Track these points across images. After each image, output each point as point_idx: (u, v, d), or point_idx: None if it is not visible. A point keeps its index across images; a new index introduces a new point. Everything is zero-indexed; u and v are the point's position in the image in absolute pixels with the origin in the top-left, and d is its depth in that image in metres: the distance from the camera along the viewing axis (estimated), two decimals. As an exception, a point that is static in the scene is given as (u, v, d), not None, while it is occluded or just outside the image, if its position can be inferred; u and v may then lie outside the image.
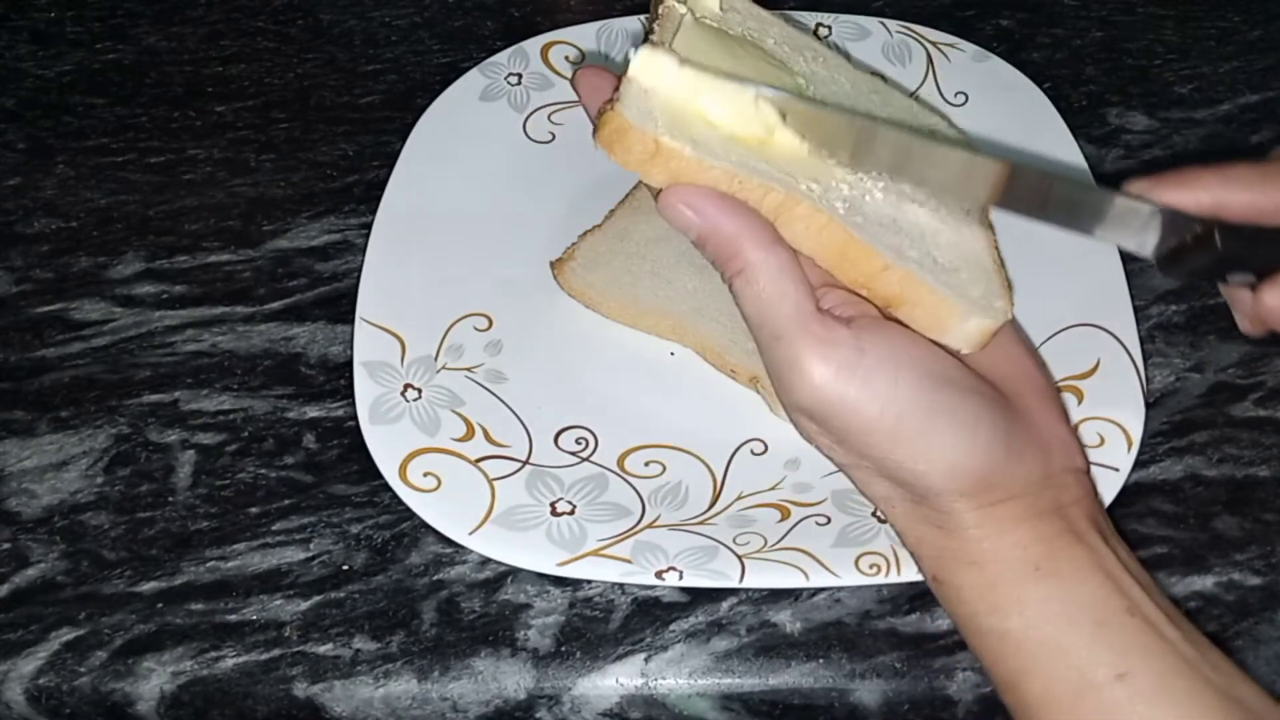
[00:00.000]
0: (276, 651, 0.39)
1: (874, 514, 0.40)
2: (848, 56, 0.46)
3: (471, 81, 0.52)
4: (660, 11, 0.36)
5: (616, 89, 0.33)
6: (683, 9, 0.36)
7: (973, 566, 0.33)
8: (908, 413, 0.32)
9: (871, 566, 0.39)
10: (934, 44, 0.53)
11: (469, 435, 0.42)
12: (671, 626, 0.40)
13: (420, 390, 0.43)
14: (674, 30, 0.35)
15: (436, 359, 0.45)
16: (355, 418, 0.42)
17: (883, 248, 0.33)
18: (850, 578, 0.39)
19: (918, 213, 0.35)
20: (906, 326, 0.34)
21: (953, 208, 0.36)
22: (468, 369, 0.45)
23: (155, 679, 0.39)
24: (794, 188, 0.33)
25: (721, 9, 0.38)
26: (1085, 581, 0.32)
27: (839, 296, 0.34)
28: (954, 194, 0.34)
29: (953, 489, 0.33)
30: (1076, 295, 0.45)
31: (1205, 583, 0.41)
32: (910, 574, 0.38)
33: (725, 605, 0.40)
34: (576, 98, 0.36)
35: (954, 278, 0.34)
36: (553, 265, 0.47)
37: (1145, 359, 0.44)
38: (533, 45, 0.54)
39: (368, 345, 0.44)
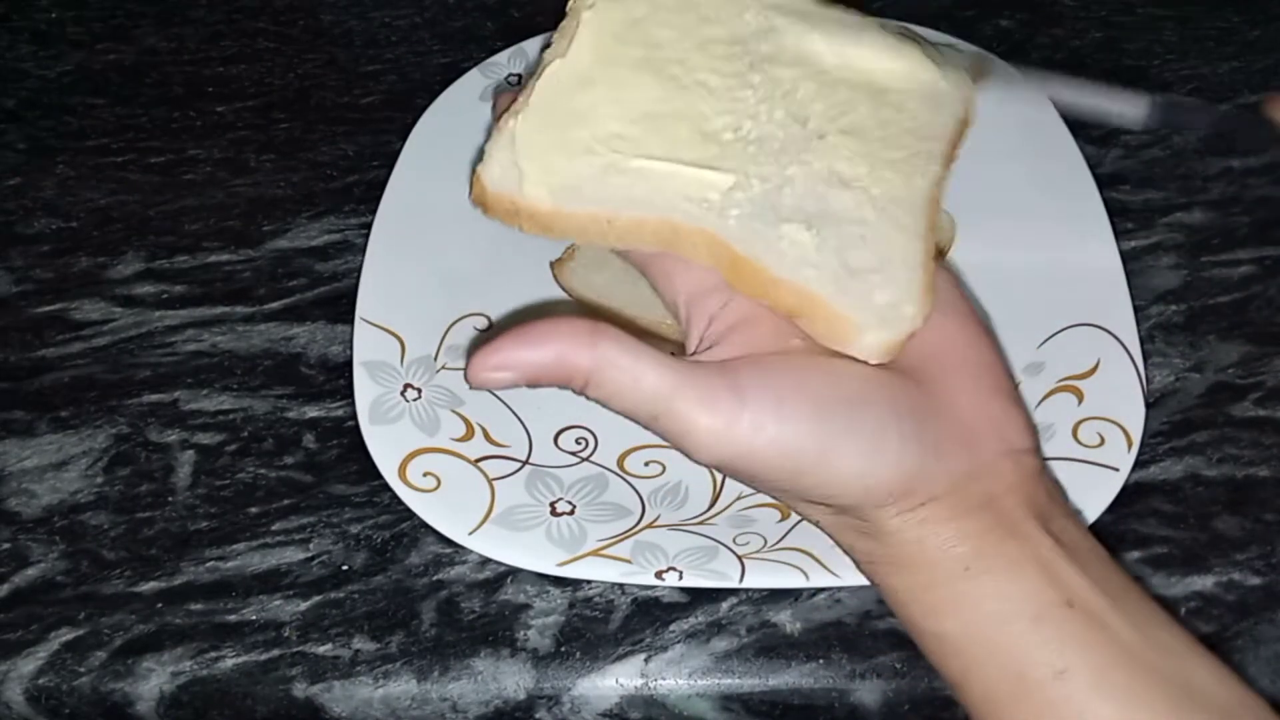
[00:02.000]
0: (276, 651, 0.39)
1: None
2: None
3: (471, 81, 0.52)
4: (568, 9, 0.35)
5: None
6: (587, 4, 0.35)
7: (903, 570, 0.32)
8: (803, 448, 0.30)
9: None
10: (934, 45, 0.53)
11: (469, 435, 0.43)
12: (671, 627, 0.40)
13: (420, 390, 0.43)
14: (571, 36, 0.34)
15: (436, 359, 0.45)
16: (355, 418, 0.42)
17: (774, 259, 0.31)
18: (850, 578, 0.39)
19: (849, 198, 0.33)
20: (798, 349, 0.32)
21: (903, 178, 0.34)
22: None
23: (155, 679, 0.39)
24: (678, 206, 0.32)
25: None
26: (1018, 577, 0.31)
27: (738, 303, 0.33)
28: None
29: (870, 503, 0.31)
30: (1076, 295, 0.45)
31: (1205, 583, 0.41)
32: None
33: (725, 605, 0.40)
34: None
35: (860, 283, 0.32)
36: (553, 265, 0.47)
37: (1145, 359, 0.44)
38: (533, 45, 0.54)
39: (368, 345, 0.44)
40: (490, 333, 0.46)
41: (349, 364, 0.44)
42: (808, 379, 0.31)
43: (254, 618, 0.40)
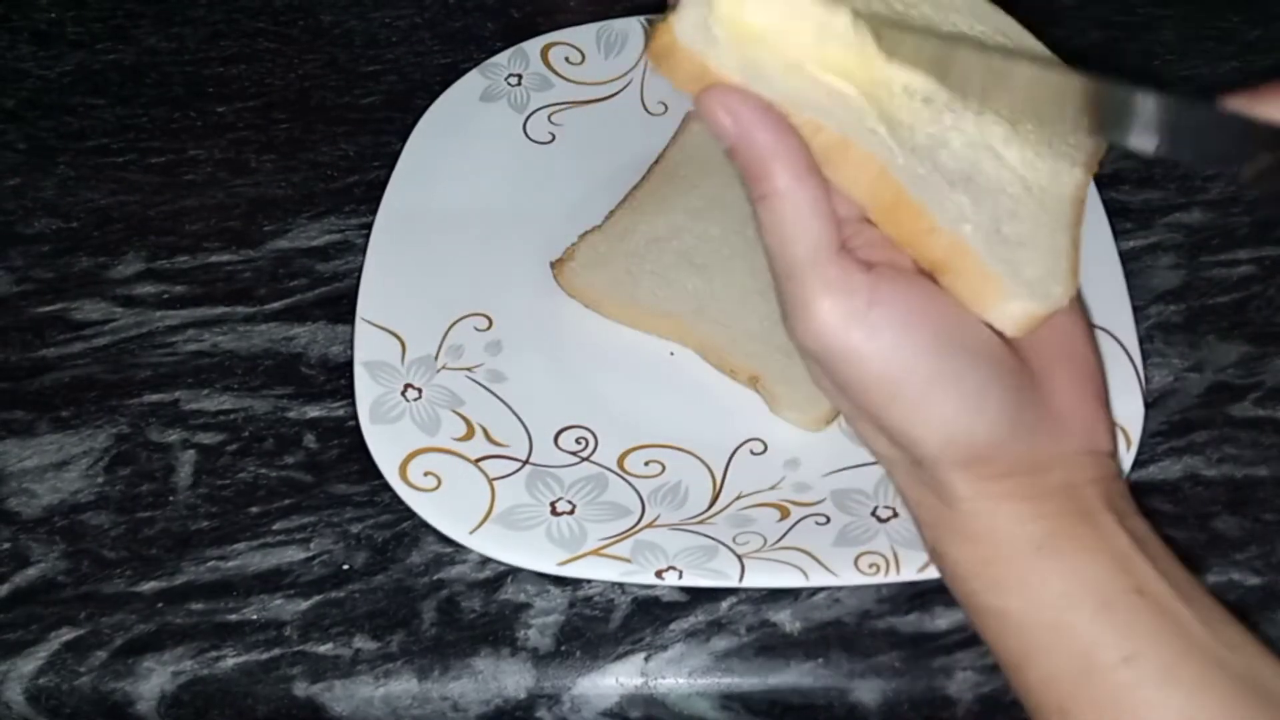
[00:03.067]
0: (276, 651, 0.40)
1: (873, 513, 0.40)
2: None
3: (471, 82, 0.53)
4: None
5: None
6: None
7: (969, 542, 0.32)
8: (909, 374, 0.30)
9: (871, 566, 0.39)
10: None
11: (469, 435, 0.43)
12: (671, 626, 0.40)
13: (420, 390, 0.43)
14: None
15: (436, 359, 0.45)
16: (355, 417, 0.42)
17: (937, 207, 0.31)
18: (850, 577, 0.39)
19: (1002, 173, 0.32)
20: (930, 282, 0.32)
21: (1050, 171, 0.33)
22: (468, 369, 0.45)
23: (155, 679, 0.39)
24: (853, 128, 0.31)
25: None
26: (1090, 562, 0.31)
27: (870, 236, 0.32)
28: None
29: (948, 458, 0.31)
30: (1076, 295, 0.45)
31: (1205, 582, 0.41)
32: (910, 573, 0.38)
33: (725, 605, 0.40)
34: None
35: (1012, 253, 0.31)
36: (553, 265, 0.47)
37: (1144, 359, 0.44)
38: (533, 46, 0.54)
39: (368, 345, 0.44)
40: (491, 331, 0.46)
41: (349, 364, 0.44)
42: (939, 313, 0.31)
43: (255, 617, 0.40)
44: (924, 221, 0.31)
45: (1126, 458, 0.41)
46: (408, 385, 0.43)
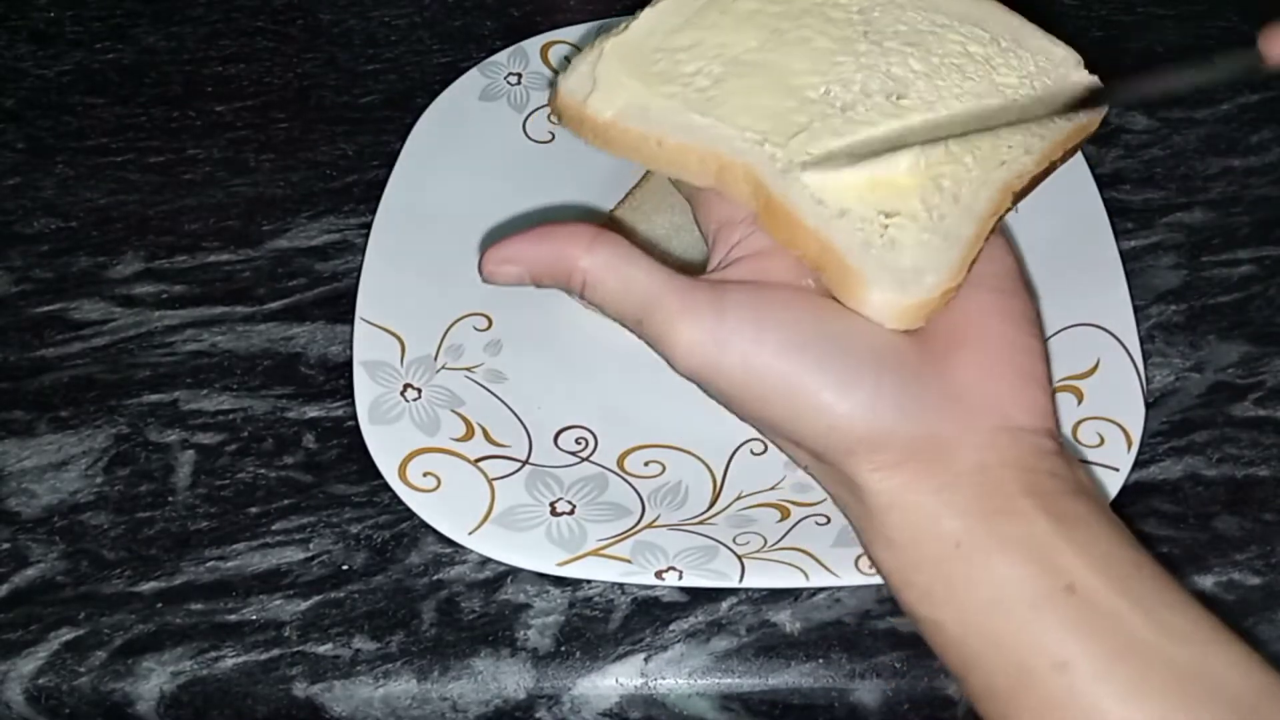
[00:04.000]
0: (276, 651, 0.39)
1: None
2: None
3: (471, 81, 0.52)
4: None
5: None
6: None
7: (890, 546, 0.31)
8: (772, 374, 0.31)
9: (871, 566, 0.39)
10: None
11: (469, 435, 0.43)
12: (671, 626, 0.40)
13: (420, 390, 0.43)
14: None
15: (436, 359, 0.45)
16: (355, 418, 0.42)
17: (807, 205, 0.32)
18: (850, 577, 0.39)
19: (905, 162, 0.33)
20: (791, 286, 0.32)
21: (979, 168, 0.33)
22: (467, 369, 0.45)
23: (155, 679, 0.39)
24: (724, 141, 0.33)
25: None
26: (1014, 560, 0.29)
27: (756, 241, 0.33)
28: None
29: (835, 447, 0.31)
30: (1076, 295, 0.45)
31: (1205, 583, 0.41)
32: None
33: (725, 605, 0.40)
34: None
35: (890, 247, 0.31)
36: (552, 265, 0.47)
37: (1145, 359, 0.44)
38: (532, 45, 0.54)
39: (367, 345, 0.44)
40: (490, 331, 0.46)
41: (349, 364, 0.44)
42: (795, 312, 0.31)
43: (254, 617, 0.40)
44: (793, 219, 0.32)
45: (1127, 458, 0.41)
46: (407, 385, 0.43)
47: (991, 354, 0.32)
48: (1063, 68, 0.37)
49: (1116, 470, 0.41)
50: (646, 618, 0.40)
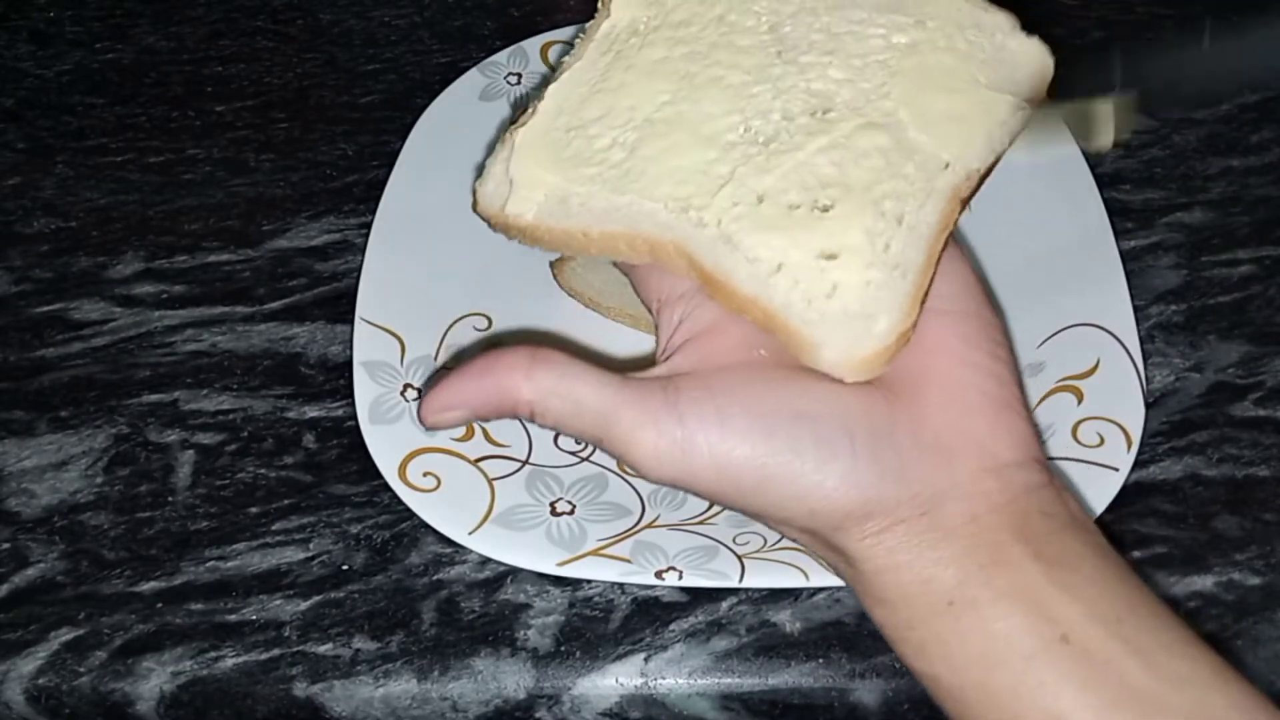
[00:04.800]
0: (276, 651, 0.39)
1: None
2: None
3: (471, 81, 0.52)
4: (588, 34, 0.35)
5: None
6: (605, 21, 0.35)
7: (883, 605, 0.30)
8: (741, 468, 0.29)
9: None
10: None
11: (468, 435, 0.42)
12: (671, 626, 0.40)
13: (420, 390, 0.43)
14: (591, 37, 0.35)
15: (436, 359, 0.45)
16: (355, 418, 0.42)
17: (742, 272, 0.30)
18: (850, 578, 0.39)
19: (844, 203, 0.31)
20: (761, 361, 0.31)
21: (921, 176, 0.31)
22: (467, 369, 0.45)
23: (155, 679, 0.39)
24: (649, 220, 0.31)
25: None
26: (1005, 613, 0.29)
27: (706, 313, 0.32)
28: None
29: (824, 527, 0.30)
30: (1076, 295, 0.45)
31: (1205, 583, 0.41)
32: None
33: (725, 605, 0.40)
34: None
35: (834, 297, 0.29)
36: (552, 265, 0.47)
37: (1145, 359, 0.44)
38: (532, 45, 0.54)
39: (367, 345, 0.44)
40: (489, 332, 0.46)
41: (349, 364, 0.44)
42: (755, 394, 0.30)
43: (254, 617, 0.40)
44: (731, 289, 0.30)
45: (1127, 458, 0.41)
46: (407, 385, 0.43)
47: (962, 388, 0.31)
48: (998, 34, 0.34)
49: (1116, 470, 0.41)
50: (646, 618, 0.40)
